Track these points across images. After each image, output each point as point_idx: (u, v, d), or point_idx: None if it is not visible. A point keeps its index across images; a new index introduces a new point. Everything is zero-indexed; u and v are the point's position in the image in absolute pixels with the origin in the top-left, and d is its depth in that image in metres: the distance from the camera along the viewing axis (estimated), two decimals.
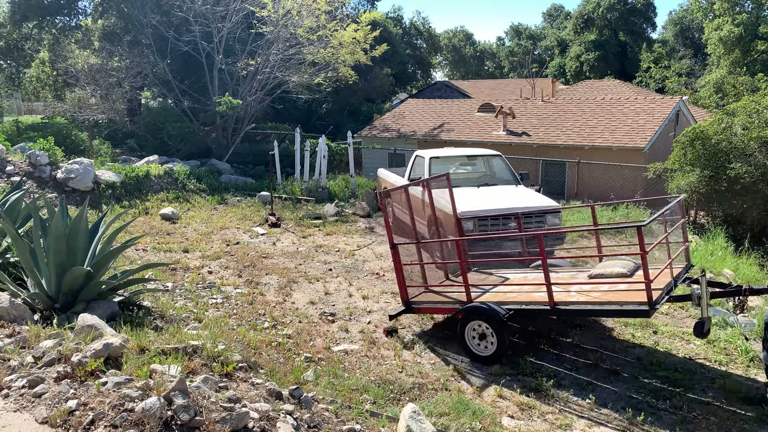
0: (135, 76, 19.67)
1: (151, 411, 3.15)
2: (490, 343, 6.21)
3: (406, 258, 7.18)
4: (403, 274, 6.92)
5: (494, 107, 20.51)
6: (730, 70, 27.64)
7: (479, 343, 6.30)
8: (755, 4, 28.60)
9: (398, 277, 6.95)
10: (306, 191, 15.22)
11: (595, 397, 5.58)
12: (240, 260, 9.73)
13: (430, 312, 7.22)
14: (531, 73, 35.23)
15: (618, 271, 6.50)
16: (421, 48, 46.59)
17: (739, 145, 12.93)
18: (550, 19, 65.33)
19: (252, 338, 6.14)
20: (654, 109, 17.54)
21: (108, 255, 6.19)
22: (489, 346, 6.24)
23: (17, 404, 3.38)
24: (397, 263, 6.86)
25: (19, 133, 19.07)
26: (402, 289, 6.98)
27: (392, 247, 6.89)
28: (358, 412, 4.64)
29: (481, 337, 6.28)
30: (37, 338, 4.39)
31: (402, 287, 6.97)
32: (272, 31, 19.08)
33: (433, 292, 7.26)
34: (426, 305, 7.05)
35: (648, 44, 46.34)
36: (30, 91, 31.40)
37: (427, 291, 7.28)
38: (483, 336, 6.27)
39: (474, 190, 10.18)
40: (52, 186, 12.93)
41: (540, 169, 17.29)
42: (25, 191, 8.03)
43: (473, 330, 6.33)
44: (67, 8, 22.92)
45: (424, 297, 7.17)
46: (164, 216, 12.64)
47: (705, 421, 5.22)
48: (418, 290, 7.23)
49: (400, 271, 6.88)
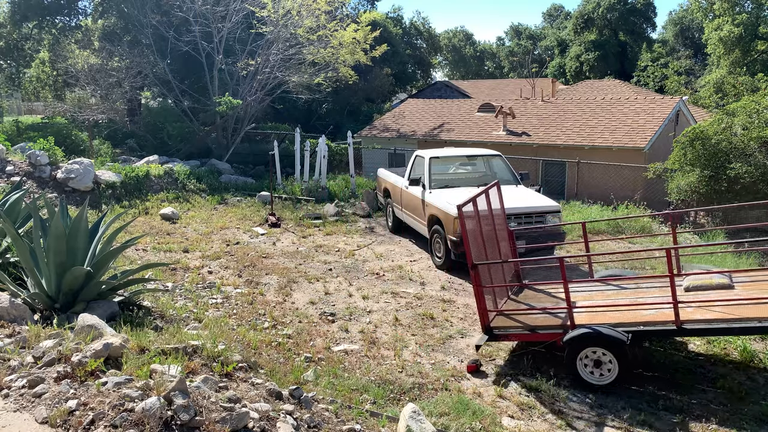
0: (135, 76, 19.67)
1: (151, 411, 3.15)
2: (607, 370, 5.67)
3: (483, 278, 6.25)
4: (484, 297, 6.15)
5: (494, 107, 20.50)
6: (730, 70, 27.62)
7: (593, 371, 5.72)
8: (755, 4, 28.58)
9: (479, 302, 6.13)
10: (306, 191, 15.23)
11: (595, 397, 5.59)
12: (240, 260, 9.73)
13: (520, 339, 6.46)
14: (531, 73, 35.23)
15: (718, 282, 6.00)
16: (421, 48, 46.59)
17: (739, 145, 12.93)
18: (550, 19, 65.34)
19: (252, 338, 6.14)
20: (654, 109, 17.54)
21: (108, 255, 6.19)
22: (606, 374, 5.68)
23: (17, 404, 3.38)
24: (478, 285, 6.07)
25: (19, 133, 19.07)
26: (483, 315, 6.17)
27: (473, 268, 6.05)
28: (358, 412, 4.64)
29: (596, 365, 5.71)
30: (37, 338, 4.39)
31: (484, 312, 6.16)
32: (272, 31, 19.08)
33: (505, 315, 6.51)
34: (513, 331, 6.25)
35: (648, 44, 46.35)
36: (30, 91, 31.39)
37: (499, 315, 6.51)
38: (598, 363, 5.70)
39: (474, 190, 10.17)
40: (52, 186, 12.93)
41: (540, 169, 17.28)
42: (25, 191, 8.03)
43: (586, 357, 5.73)
44: (67, 8, 22.91)
45: (503, 322, 6.38)
46: (164, 216, 12.64)
47: (705, 421, 5.22)
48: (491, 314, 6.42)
49: (482, 294, 6.10)
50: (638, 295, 6.54)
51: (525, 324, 6.27)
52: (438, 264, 9.72)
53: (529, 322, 6.27)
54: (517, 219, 9.13)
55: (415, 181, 10.55)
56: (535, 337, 6.20)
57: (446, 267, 9.51)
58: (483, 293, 6.12)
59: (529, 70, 38.64)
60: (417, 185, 10.52)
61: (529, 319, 6.34)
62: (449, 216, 9.14)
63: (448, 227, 9.18)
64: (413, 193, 10.73)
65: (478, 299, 6.15)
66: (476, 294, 6.14)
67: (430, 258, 10.10)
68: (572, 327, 5.79)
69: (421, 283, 8.94)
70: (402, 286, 8.77)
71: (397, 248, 10.96)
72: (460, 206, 6.17)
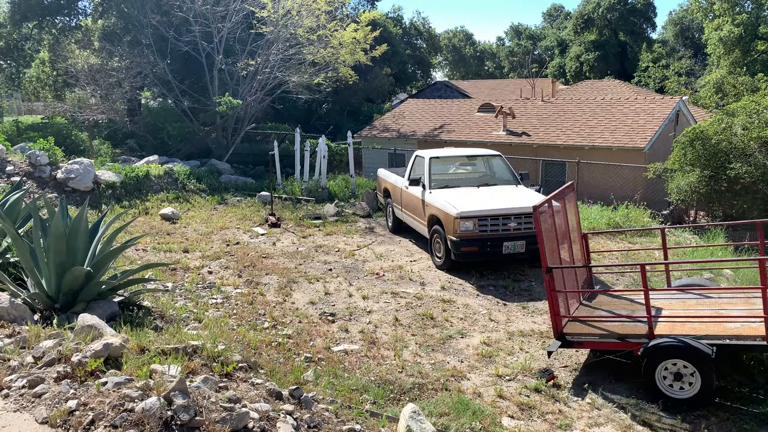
0: (135, 76, 19.67)
1: (151, 411, 3.15)
2: (688, 384, 5.39)
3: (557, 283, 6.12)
4: (558, 302, 6.00)
5: (494, 107, 20.50)
6: (730, 70, 27.61)
7: (672, 383, 5.46)
8: (755, 4, 28.57)
9: (552, 307, 5.99)
10: (306, 191, 15.23)
11: (595, 397, 5.58)
12: (240, 260, 9.73)
13: (596, 347, 6.23)
14: (531, 73, 35.24)
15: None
16: (421, 48, 46.57)
17: (739, 146, 12.92)
18: (550, 19, 65.36)
19: (252, 338, 6.14)
20: (654, 109, 17.54)
21: (108, 255, 6.19)
22: (686, 387, 5.41)
23: (17, 404, 3.38)
24: (551, 290, 5.96)
25: (19, 133, 19.08)
26: (557, 321, 6.03)
27: (547, 272, 5.92)
28: (358, 412, 4.64)
29: (677, 377, 5.45)
30: (37, 338, 4.39)
31: (557, 318, 6.01)
32: (272, 31, 19.07)
33: (579, 321, 6.31)
34: (589, 339, 6.03)
35: (648, 44, 46.38)
36: (30, 91, 31.38)
37: (572, 321, 6.31)
38: (679, 376, 5.44)
39: (474, 190, 10.19)
40: (52, 186, 12.93)
41: (540, 169, 17.28)
42: (25, 191, 8.03)
43: (665, 369, 5.48)
44: (67, 8, 22.91)
45: (576, 329, 6.18)
46: (164, 216, 12.64)
47: (705, 421, 5.22)
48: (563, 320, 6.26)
49: (555, 299, 5.97)
50: (721, 306, 6.27)
51: (600, 331, 6.05)
52: (438, 264, 9.72)
53: (605, 330, 6.05)
54: (517, 219, 9.14)
55: (415, 182, 10.55)
56: (611, 345, 5.98)
57: (446, 267, 9.51)
58: (557, 298, 5.96)
59: (529, 70, 38.65)
60: (417, 185, 10.52)
61: (604, 327, 6.12)
62: (449, 216, 9.14)
63: (448, 227, 9.18)
64: (413, 193, 10.73)
65: (551, 304, 5.99)
66: (549, 299, 6.01)
67: (430, 258, 10.10)
68: (651, 336, 5.57)
69: (421, 283, 8.94)
70: (402, 286, 8.77)
71: (397, 248, 10.96)
72: (536, 206, 5.97)
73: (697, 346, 5.31)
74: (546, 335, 7.01)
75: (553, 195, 6.70)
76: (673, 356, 5.42)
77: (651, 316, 5.61)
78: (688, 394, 5.40)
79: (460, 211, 9.02)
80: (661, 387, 5.50)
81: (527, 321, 7.50)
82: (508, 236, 9.06)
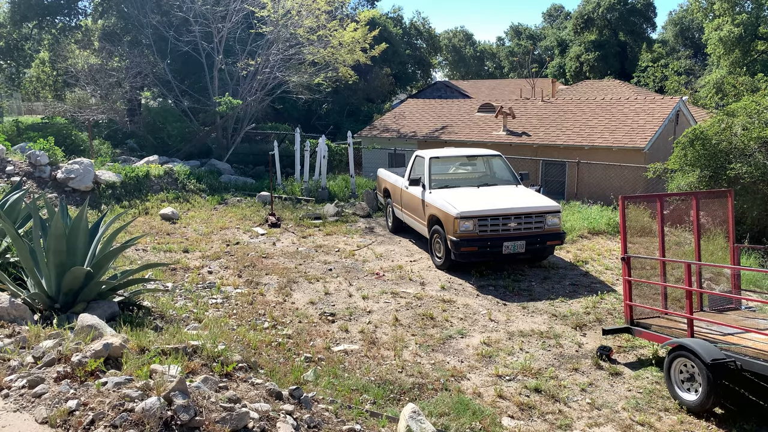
0: (135, 76, 19.67)
1: (151, 411, 3.15)
2: (695, 390, 5.40)
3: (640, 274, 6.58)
4: (631, 290, 6.39)
5: (494, 107, 20.49)
6: (730, 70, 27.61)
7: (682, 381, 5.58)
8: (755, 4, 28.57)
9: (625, 293, 6.48)
10: (306, 191, 15.23)
11: (595, 397, 5.58)
12: (240, 260, 9.73)
13: (652, 339, 6.41)
14: (531, 73, 35.20)
15: None
16: (421, 48, 46.52)
17: (739, 146, 12.92)
18: (550, 19, 65.34)
19: (252, 338, 6.14)
20: (654, 109, 17.54)
21: (108, 255, 6.19)
22: (691, 390, 5.47)
23: (17, 404, 3.38)
24: (626, 276, 6.44)
25: (19, 133, 19.05)
26: (628, 307, 6.45)
27: (624, 260, 6.41)
28: (358, 412, 4.64)
29: (689, 379, 5.51)
30: (37, 338, 4.39)
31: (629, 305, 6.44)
32: (272, 31, 19.08)
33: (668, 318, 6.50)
34: (650, 331, 6.33)
35: (648, 44, 46.35)
36: (30, 91, 31.36)
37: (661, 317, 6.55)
38: (691, 378, 5.49)
39: (474, 190, 10.18)
40: (52, 186, 12.93)
41: (540, 169, 17.28)
42: (25, 191, 8.03)
43: (680, 368, 5.58)
44: (67, 8, 22.92)
45: (656, 321, 6.43)
46: (164, 216, 12.64)
47: (705, 421, 5.22)
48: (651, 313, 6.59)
49: (629, 286, 6.41)
50: None
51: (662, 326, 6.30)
52: (438, 264, 9.71)
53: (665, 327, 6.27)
54: (517, 219, 9.14)
55: (415, 182, 10.55)
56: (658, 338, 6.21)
57: (446, 267, 9.51)
58: (631, 286, 6.44)
59: (529, 70, 38.62)
60: (417, 185, 10.52)
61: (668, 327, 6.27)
62: (449, 216, 9.14)
63: (448, 227, 9.18)
64: (413, 194, 10.73)
65: (624, 291, 6.56)
66: (624, 286, 6.57)
67: (430, 258, 10.10)
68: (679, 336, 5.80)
69: (421, 283, 8.94)
70: (402, 286, 8.77)
71: (397, 248, 10.95)
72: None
73: (697, 349, 5.29)
74: (546, 335, 7.01)
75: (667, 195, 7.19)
76: (681, 355, 5.53)
77: (692, 316, 5.77)
78: (691, 397, 5.42)
79: (460, 211, 9.02)
80: (675, 384, 5.61)
81: (527, 321, 7.50)
82: (508, 236, 9.06)
